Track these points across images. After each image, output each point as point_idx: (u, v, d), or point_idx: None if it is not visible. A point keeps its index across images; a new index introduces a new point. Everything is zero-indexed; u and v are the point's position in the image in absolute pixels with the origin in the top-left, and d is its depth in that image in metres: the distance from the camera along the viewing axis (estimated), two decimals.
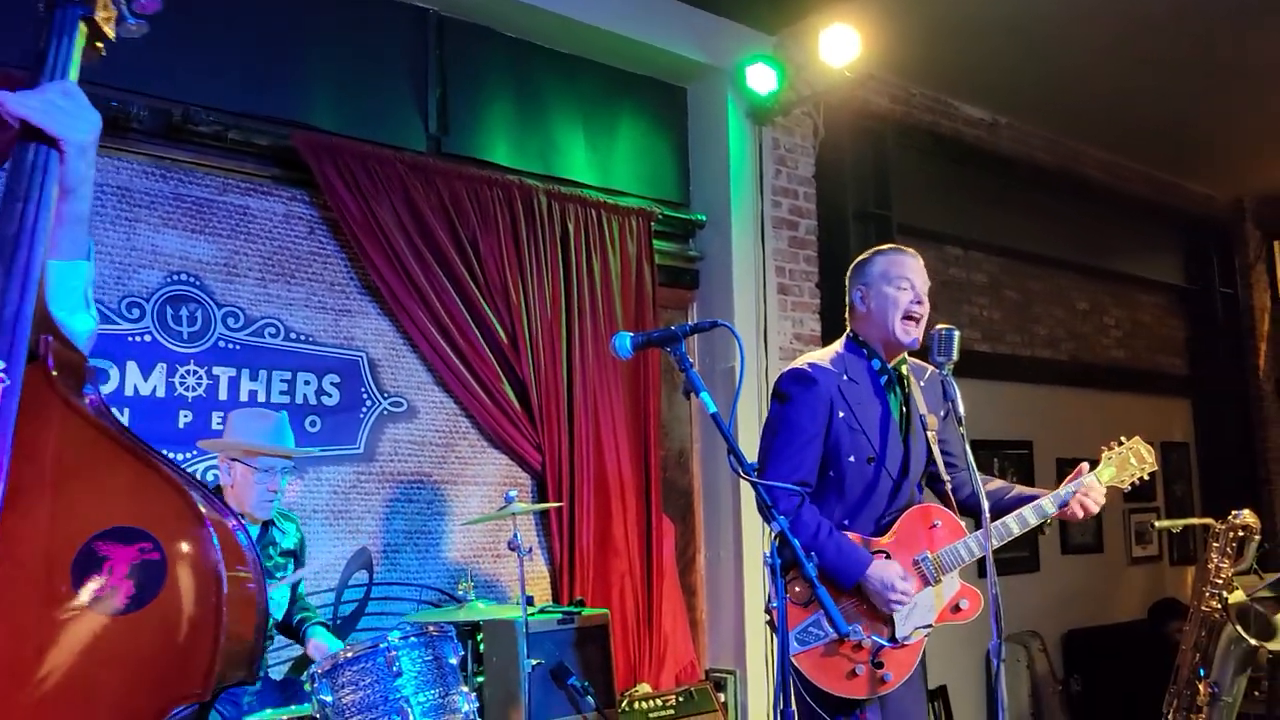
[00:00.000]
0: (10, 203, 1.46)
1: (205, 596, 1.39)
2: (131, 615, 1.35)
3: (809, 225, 5.52)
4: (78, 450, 1.40)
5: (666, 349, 2.35)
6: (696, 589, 5.16)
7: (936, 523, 2.88)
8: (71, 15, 1.54)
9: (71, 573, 1.35)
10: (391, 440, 4.24)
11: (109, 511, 1.38)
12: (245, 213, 3.98)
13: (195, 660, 1.36)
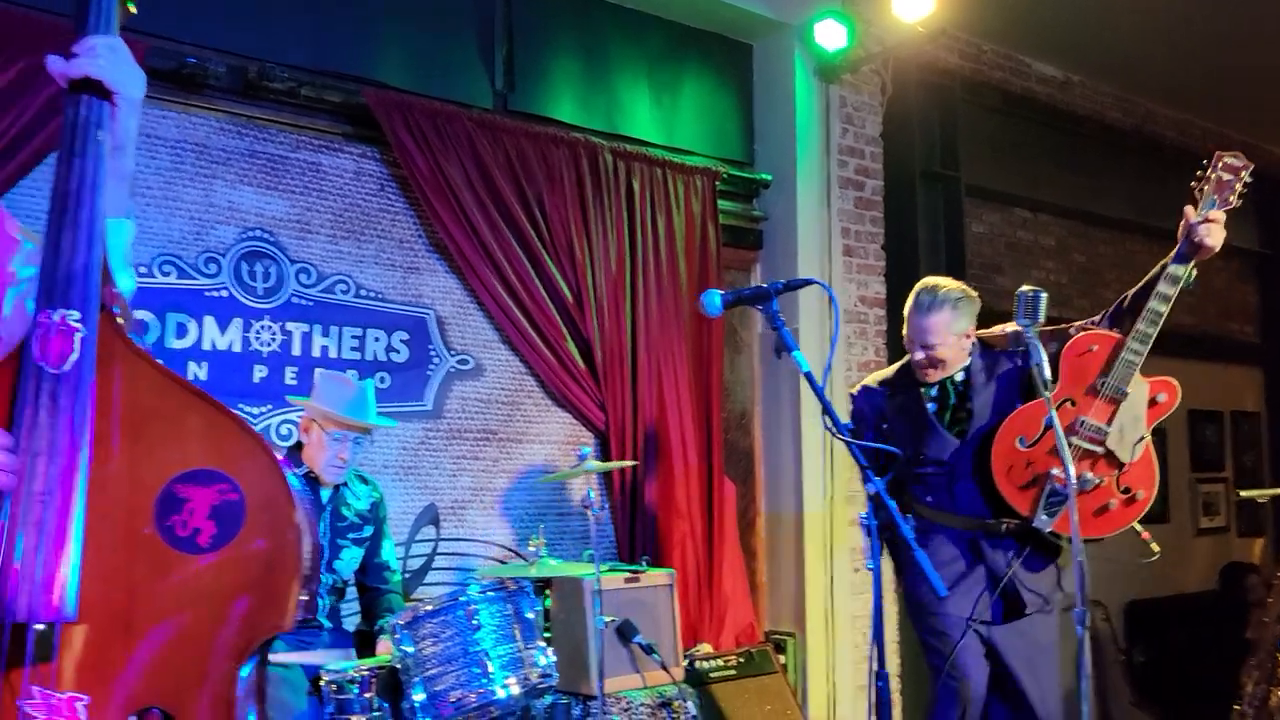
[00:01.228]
0: (69, 158, 1.47)
1: (282, 532, 1.42)
2: (215, 553, 1.39)
3: (875, 186, 5.43)
4: (151, 397, 1.43)
5: (758, 307, 2.33)
6: (757, 551, 5.16)
7: (1092, 347, 3.06)
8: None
9: (154, 516, 1.38)
10: (459, 398, 4.27)
11: (186, 455, 1.41)
12: (317, 169, 4.00)
13: (277, 593, 1.41)
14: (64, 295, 1.39)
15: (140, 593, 1.35)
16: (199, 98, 3.72)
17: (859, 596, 5.17)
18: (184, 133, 3.71)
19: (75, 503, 1.33)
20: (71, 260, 1.40)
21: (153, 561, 1.36)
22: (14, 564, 1.29)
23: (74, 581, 1.31)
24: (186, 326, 3.65)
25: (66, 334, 1.37)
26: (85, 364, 1.37)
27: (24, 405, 1.34)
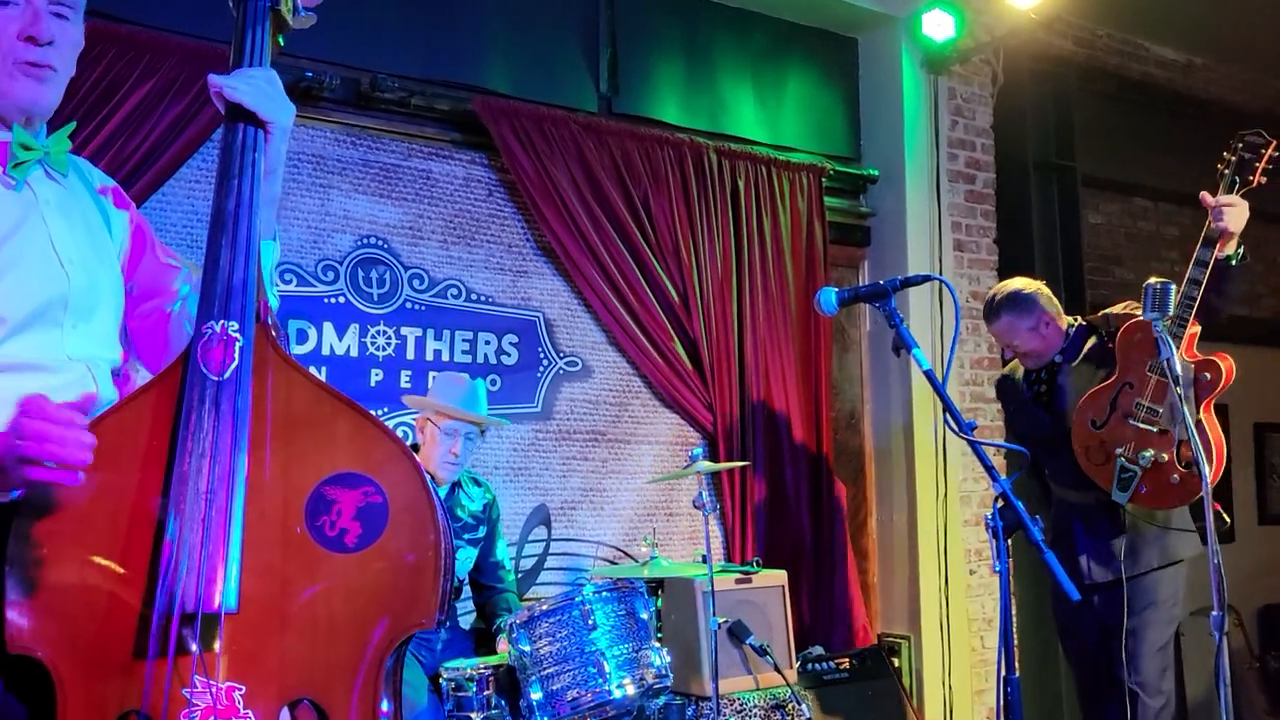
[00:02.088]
0: (227, 180, 1.56)
1: (424, 533, 1.47)
2: (361, 553, 1.45)
3: (987, 178, 5.29)
4: (302, 404, 1.49)
5: (875, 304, 2.30)
6: (868, 552, 5.07)
7: (1143, 332, 3.28)
8: (263, 6, 1.65)
9: (305, 515, 1.45)
10: (567, 399, 4.31)
11: (334, 459, 1.47)
12: (428, 177, 4.08)
13: (421, 591, 1.46)
14: (224, 307, 1.47)
15: (293, 589, 1.41)
16: (315, 110, 3.83)
17: (975, 599, 5.05)
18: (301, 145, 3.83)
19: (235, 501, 1.39)
20: (230, 275, 1.49)
21: (304, 559, 1.42)
22: (181, 558, 1.35)
23: (234, 575, 1.37)
24: (306, 332, 3.76)
25: (227, 344, 1.44)
26: (243, 372, 1.44)
27: (189, 410, 1.41)
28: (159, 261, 1.75)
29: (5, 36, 1.48)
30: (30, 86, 1.51)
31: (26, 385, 1.47)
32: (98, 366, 1.57)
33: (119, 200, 1.75)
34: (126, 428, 1.41)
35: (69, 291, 1.53)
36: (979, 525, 5.09)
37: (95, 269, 1.60)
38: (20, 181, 1.52)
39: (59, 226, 1.56)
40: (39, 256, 1.51)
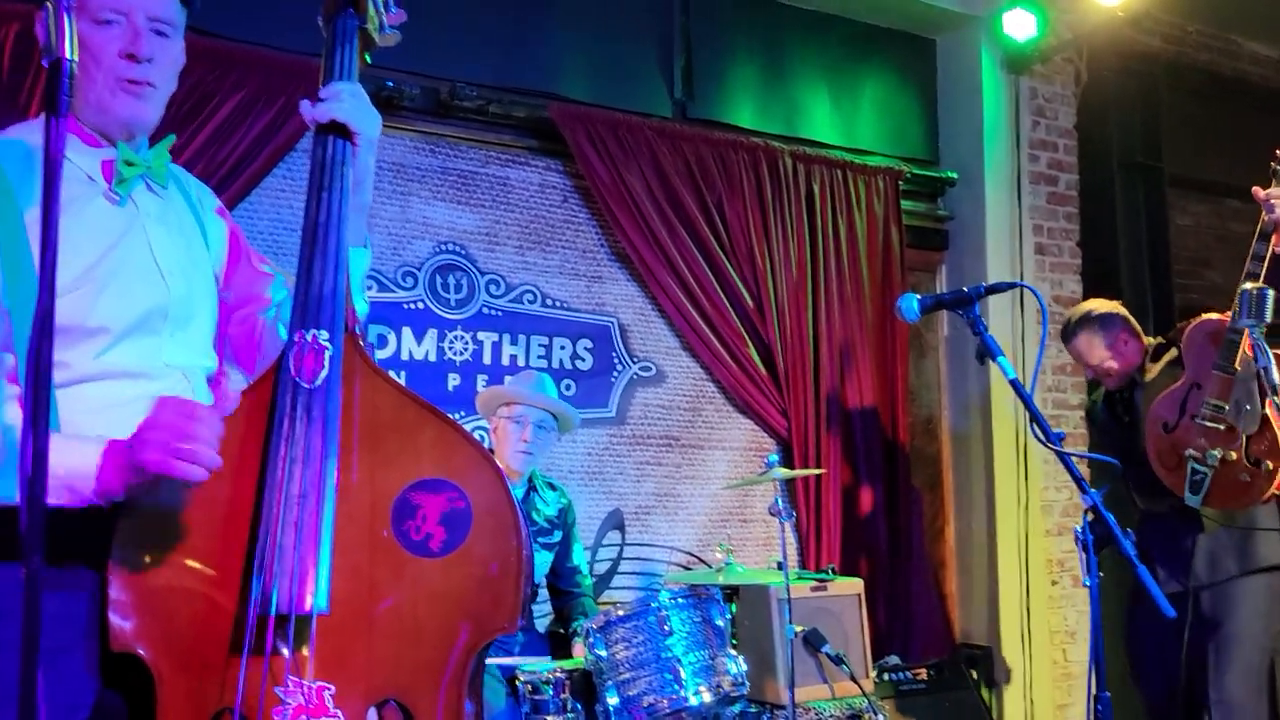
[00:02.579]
0: (317, 191, 1.59)
1: (506, 539, 1.50)
2: (446, 557, 1.47)
3: (1070, 180, 5.18)
4: (388, 411, 1.52)
5: (958, 311, 2.25)
6: (946, 561, 4.99)
7: (1207, 331, 3.29)
8: (351, 25, 1.69)
9: (392, 520, 1.48)
10: (641, 404, 4.32)
11: (419, 465, 1.50)
12: (505, 183, 4.13)
13: (504, 596, 1.48)
14: (315, 317, 1.50)
15: (380, 592, 1.44)
16: (396, 118, 3.90)
17: (1058, 610, 4.93)
18: (382, 153, 3.85)
19: (326, 506, 1.42)
20: (321, 285, 1.52)
21: (391, 563, 1.45)
22: (274, 560, 1.39)
23: (325, 578, 1.40)
24: (386, 338, 3.83)
25: (318, 352, 1.48)
26: (333, 379, 1.48)
27: (282, 416, 1.45)
28: (253, 269, 1.80)
29: (107, 55, 1.53)
30: (130, 103, 1.56)
31: (127, 391, 1.52)
32: (194, 373, 1.62)
33: (216, 209, 1.80)
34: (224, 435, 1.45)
35: (168, 301, 1.58)
36: (1062, 535, 4.97)
37: (193, 278, 1.65)
38: (124, 196, 1.58)
39: (159, 238, 1.60)
40: (141, 268, 1.56)
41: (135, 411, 1.52)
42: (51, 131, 1.23)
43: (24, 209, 1.48)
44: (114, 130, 1.58)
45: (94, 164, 1.56)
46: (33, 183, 1.51)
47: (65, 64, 1.23)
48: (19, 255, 1.46)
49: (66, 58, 1.23)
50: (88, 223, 1.52)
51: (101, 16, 1.52)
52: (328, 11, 1.70)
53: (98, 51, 1.52)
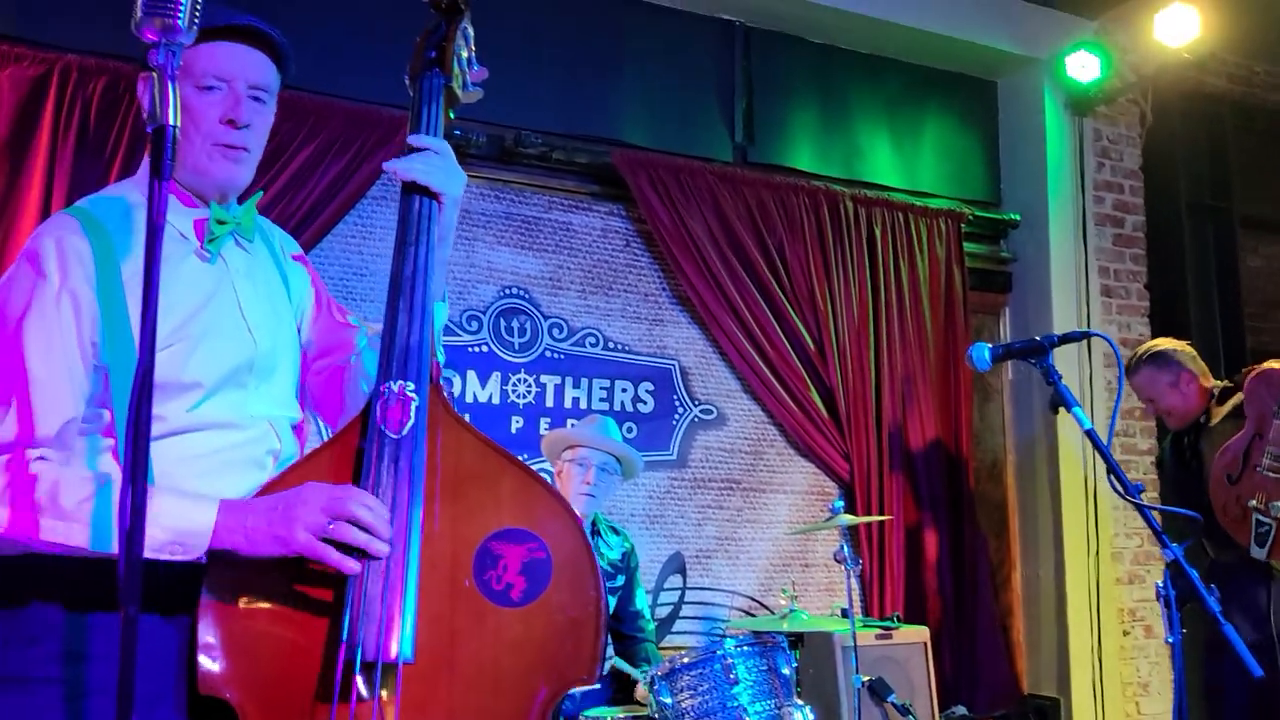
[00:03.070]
0: (404, 247, 1.62)
1: (585, 589, 1.50)
2: (526, 607, 1.48)
3: (1136, 221, 5.11)
4: (470, 460, 1.54)
5: (1031, 361, 2.23)
6: (1013, 609, 4.88)
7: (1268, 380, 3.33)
8: (437, 83, 1.73)
9: (473, 569, 1.49)
10: (703, 447, 4.31)
11: (500, 515, 1.51)
12: (568, 228, 4.18)
13: (583, 646, 1.48)
14: (401, 368, 1.53)
15: (461, 640, 1.45)
16: (462, 165, 3.95)
17: (1130, 661, 4.80)
18: None
19: (412, 554, 1.44)
20: (407, 337, 1.55)
21: (472, 612, 1.46)
22: (361, 608, 1.41)
23: (410, 626, 1.41)
24: (451, 381, 3.88)
25: (404, 403, 1.50)
26: (419, 430, 1.50)
27: (369, 466, 1.48)
28: (335, 320, 1.83)
29: (207, 120, 1.57)
30: (226, 168, 1.60)
31: (216, 441, 1.56)
32: (279, 423, 1.66)
33: (299, 260, 1.84)
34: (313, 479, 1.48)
35: (255, 355, 1.62)
36: (1133, 584, 4.86)
37: (276, 332, 1.69)
38: (215, 254, 1.62)
39: (247, 293, 1.65)
40: (230, 325, 1.60)
41: (224, 460, 1.56)
42: (155, 196, 1.27)
43: (122, 266, 1.52)
44: (209, 192, 1.63)
45: (187, 223, 1.61)
46: (130, 240, 1.56)
47: (169, 130, 1.28)
48: (117, 313, 1.50)
49: (170, 124, 1.28)
50: (181, 281, 1.56)
51: (204, 83, 1.56)
52: (414, 70, 1.75)
53: (199, 116, 1.56)
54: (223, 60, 1.57)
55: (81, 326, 1.47)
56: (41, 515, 1.39)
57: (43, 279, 1.47)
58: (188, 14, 1.28)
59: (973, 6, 4.79)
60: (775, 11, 4.52)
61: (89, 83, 3.35)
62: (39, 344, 1.45)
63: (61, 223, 1.53)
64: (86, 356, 1.48)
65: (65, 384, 1.46)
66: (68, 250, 1.49)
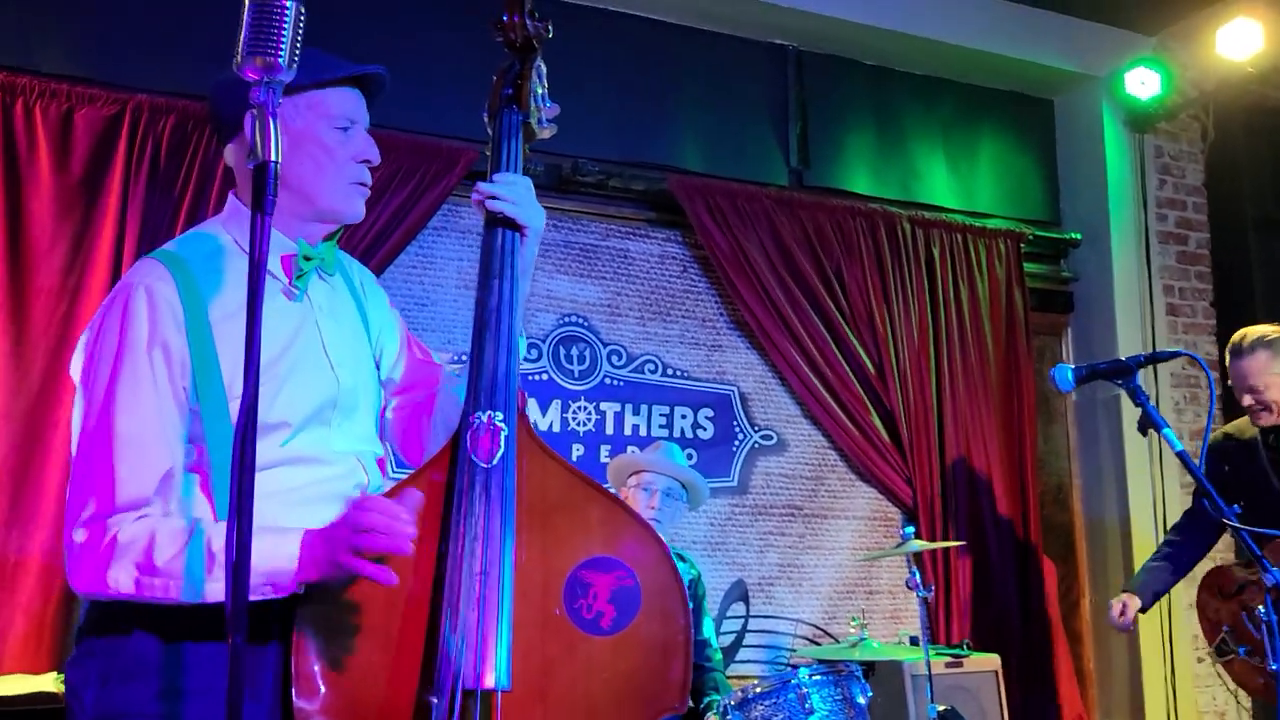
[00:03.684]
0: (489, 279, 1.63)
1: (674, 617, 1.50)
2: (616, 636, 1.48)
3: (1200, 238, 5.02)
4: (557, 489, 1.54)
5: (1117, 382, 2.18)
6: (1082, 636, 4.78)
7: None
8: (515, 119, 1.75)
9: (564, 598, 1.48)
10: (763, 473, 4.28)
11: (589, 543, 1.51)
12: (625, 255, 4.19)
13: (672, 675, 1.48)
14: (490, 398, 1.53)
15: (553, 669, 1.44)
16: None
17: (1205, 689, 4.67)
18: None
19: (505, 583, 1.44)
20: (495, 368, 1.56)
21: (563, 640, 1.45)
22: (457, 636, 1.41)
23: (506, 654, 1.41)
24: None
25: (494, 433, 1.51)
26: (509, 459, 1.50)
27: (461, 496, 1.48)
28: (415, 358, 1.85)
29: (345, 158, 1.61)
30: (359, 205, 1.65)
31: (305, 476, 1.57)
32: (365, 457, 1.66)
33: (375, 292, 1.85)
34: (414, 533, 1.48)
35: (338, 393, 1.63)
36: None
37: (358, 369, 1.70)
38: (301, 291, 1.63)
39: (329, 330, 1.66)
40: (314, 363, 1.61)
41: (311, 495, 1.57)
42: (258, 230, 1.28)
43: (210, 308, 1.54)
44: (327, 227, 1.66)
45: (274, 260, 1.62)
46: (218, 280, 1.58)
47: (271, 166, 1.29)
48: (207, 355, 1.52)
49: (272, 160, 1.29)
50: (268, 320, 1.56)
51: (340, 123, 1.61)
52: (492, 108, 1.77)
53: (339, 155, 1.60)
54: (351, 103, 1.64)
55: (174, 376, 1.49)
56: (141, 574, 1.41)
57: (133, 332, 1.49)
58: (288, 52, 1.29)
59: (1028, 25, 4.75)
60: (828, 35, 4.52)
61: (159, 121, 3.42)
62: (131, 402, 1.47)
63: (150, 270, 1.54)
64: (182, 404, 1.50)
65: (157, 439, 1.48)
66: (157, 298, 1.50)
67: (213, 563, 1.40)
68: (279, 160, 1.30)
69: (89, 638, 1.52)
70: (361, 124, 1.65)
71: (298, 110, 1.57)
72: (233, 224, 1.65)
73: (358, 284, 1.81)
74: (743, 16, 4.35)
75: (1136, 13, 4.81)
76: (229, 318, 1.54)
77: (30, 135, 3.27)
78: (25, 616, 3.06)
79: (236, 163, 1.65)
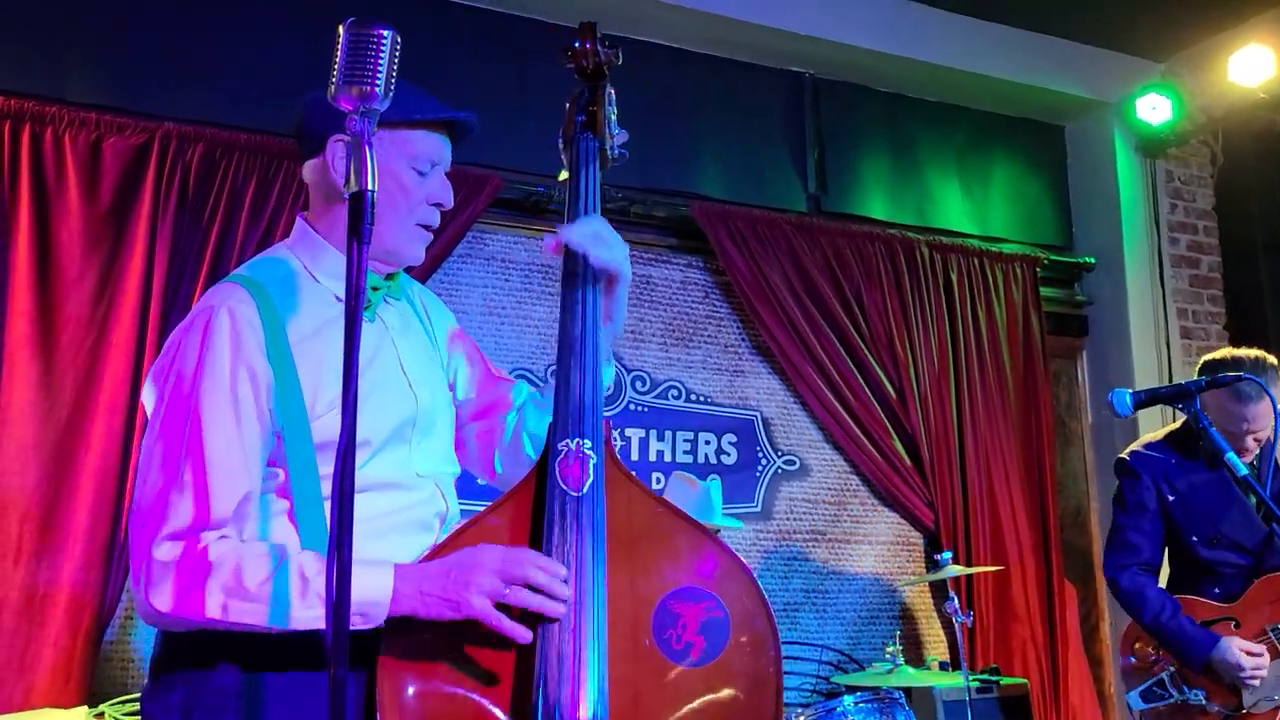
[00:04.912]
0: (571, 306, 1.65)
1: (764, 650, 1.48)
2: (705, 667, 1.46)
3: (1212, 262, 5.06)
4: (643, 518, 1.53)
5: (1177, 405, 2.18)
6: (1103, 659, 4.77)
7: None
8: (592, 145, 1.78)
9: (653, 628, 1.46)
10: (786, 498, 4.27)
11: (676, 573, 1.50)
12: (648, 281, 4.19)
13: (764, 706, 1.46)
14: (578, 426, 1.52)
15: (644, 700, 1.42)
16: (543, 222, 4.01)
17: None
18: (532, 256, 4.00)
19: (599, 612, 1.42)
20: (581, 395, 1.55)
21: (654, 672, 1.43)
22: (553, 665, 1.39)
23: (601, 684, 1.39)
24: None
25: (583, 461, 1.50)
26: (598, 487, 1.49)
27: (551, 523, 1.46)
28: (491, 375, 1.83)
29: (418, 200, 1.60)
30: (419, 249, 1.65)
31: (385, 504, 1.55)
32: (443, 480, 1.65)
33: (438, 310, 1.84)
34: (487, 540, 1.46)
35: (417, 412, 1.61)
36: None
37: (434, 388, 1.69)
38: (373, 314, 1.63)
39: (405, 350, 1.65)
40: (393, 382, 1.60)
41: (393, 523, 1.55)
42: (355, 258, 1.28)
43: (288, 330, 1.53)
44: (390, 265, 1.65)
45: (342, 286, 1.62)
46: (293, 303, 1.57)
47: (368, 195, 1.28)
48: (288, 377, 1.50)
49: (369, 189, 1.29)
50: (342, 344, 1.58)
51: (420, 166, 1.60)
52: (567, 134, 1.78)
53: (412, 196, 1.60)
54: (436, 146, 1.62)
55: (258, 397, 1.48)
56: (229, 598, 1.38)
57: (215, 353, 1.47)
58: (385, 81, 1.29)
59: (1039, 53, 4.80)
60: (843, 62, 4.56)
61: (187, 150, 3.42)
62: (214, 422, 1.45)
63: (231, 292, 1.53)
64: (266, 426, 1.48)
65: (240, 461, 1.46)
66: (240, 320, 1.49)
67: (305, 589, 1.38)
68: (375, 189, 1.30)
69: (168, 670, 1.49)
70: (443, 166, 1.64)
71: (382, 144, 1.55)
72: (300, 248, 1.64)
73: (420, 306, 1.80)
74: (761, 44, 4.38)
75: (1145, 39, 4.87)
76: (306, 340, 1.53)
77: (59, 164, 3.27)
78: (54, 649, 3.02)
79: (312, 180, 1.64)
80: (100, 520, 3.11)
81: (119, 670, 3.22)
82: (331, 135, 1.56)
